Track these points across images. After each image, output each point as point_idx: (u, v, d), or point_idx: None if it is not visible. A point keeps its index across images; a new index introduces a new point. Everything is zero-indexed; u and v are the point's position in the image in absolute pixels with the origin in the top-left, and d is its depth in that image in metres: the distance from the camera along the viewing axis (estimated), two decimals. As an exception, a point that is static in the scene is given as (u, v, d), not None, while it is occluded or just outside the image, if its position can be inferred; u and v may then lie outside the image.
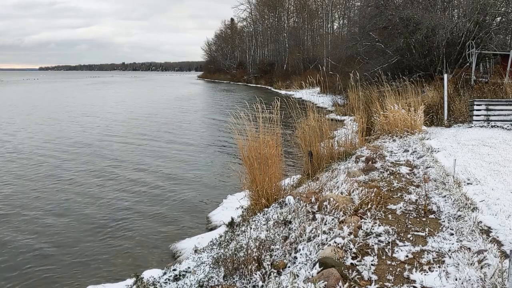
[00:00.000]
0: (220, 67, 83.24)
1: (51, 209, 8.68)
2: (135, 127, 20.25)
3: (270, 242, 4.13)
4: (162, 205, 8.95)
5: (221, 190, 9.83)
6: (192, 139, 17.07)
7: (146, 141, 16.35)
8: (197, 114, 26.71)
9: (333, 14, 55.59)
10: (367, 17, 23.00)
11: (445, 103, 12.18)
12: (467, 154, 7.49)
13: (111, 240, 7.18)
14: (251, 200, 6.53)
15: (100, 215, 8.32)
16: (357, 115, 9.64)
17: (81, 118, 23.75)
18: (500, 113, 11.27)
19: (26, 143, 15.75)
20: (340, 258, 3.35)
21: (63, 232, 7.54)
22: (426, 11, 18.60)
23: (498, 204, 4.57)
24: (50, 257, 6.58)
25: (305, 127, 8.47)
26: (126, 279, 5.48)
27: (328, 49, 45.79)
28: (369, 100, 11.70)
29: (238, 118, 6.66)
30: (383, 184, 5.64)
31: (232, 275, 3.84)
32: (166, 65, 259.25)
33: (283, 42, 62.16)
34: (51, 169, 11.88)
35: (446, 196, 4.94)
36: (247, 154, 6.45)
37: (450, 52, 18.17)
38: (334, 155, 8.40)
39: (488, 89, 13.67)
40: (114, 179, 10.85)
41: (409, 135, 9.75)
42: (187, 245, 6.53)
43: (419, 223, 4.21)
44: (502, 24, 18.94)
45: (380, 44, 20.84)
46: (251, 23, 75.86)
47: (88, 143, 15.74)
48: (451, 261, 3.25)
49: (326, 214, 4.44)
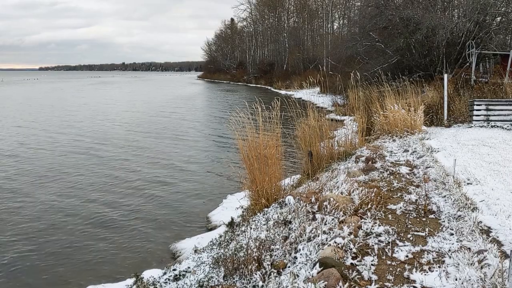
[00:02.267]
0: (220, 67, 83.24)
1: (51, 209, 8.67)
2: (135, 126, 20.26)
3: (270, 242, 4.13)
4: (162, 205, 8.95)
5: (221, 190, 9.83)
6: (192, 139, 17.06)
7: (145, 142, 16.34)
8: (197, 114, 26.71)
9: (333, 14, 55.59)
10: (367, 17, 23.00)
11: (445, 103, 12.18)
12: (467, 154, 7.49)
13: (111, 240, 7.17)
14: (251, 200, 6.53)
15: (100, 215, 8.31)
16: (357, 115, 9.65)
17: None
18: (500, 113, 11.27)
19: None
20: (340, 258, 3.35)
21: (63, 232, 7.54)
22: (426, 11, 18.60)
23: (498, 204, 4.57)
24: (50, 257, 6.57)
25: (305, 127, 8.47)
26: (126, 279, 5.48)
27: (328, 49, 45.79)
28: (369, 100, 11.70)
29: (238, 118, 6.66)
30: (383, 184, 5.64)
31: (232, 275, 3.84)
32: (166, 65, 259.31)
33: (283, 42, 62.16)
34: (52, 168, 11.88)
35: (446, 196, 4.94)
36: (247, 154, 6.45)
37: (450, 52, 18.18)
38: (334, 155, 8.40)
39: (488, 89, 13.67)
40: (114, 179, 10.85)
41: (409, 135, 9.75)
42: (187, 245, 6.53)
43: (419, 223, 4.21)
44: (502, 24, 18.94)
45: (380, 44, 20.85)
46: (251, 23, 75.91)
47: (86, 146, 15.74)
48: (451, 261, 3.25)
49: (326, 214, 4.44)
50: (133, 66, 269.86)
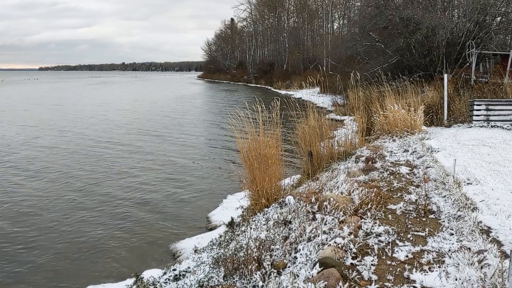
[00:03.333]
0: (220, 67, 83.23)
1: (51, 208, 8.68)
2: (135, 126, 20.26)
3: (270, 242, 4.13)
4: (162, 205, 8.95)
5: (221, 190, 9.83)
6: (192, 139, 17.06)
7: (145, 141, 16.35)
8: (197, 113, 26.72)
9: (333, 14, 55.59)
10: (367, 17, 22.99)
11: (445, 103, 12.18)
12: (467, 154, 7.49)
13: (111, 240, 7.17)
14: (251, 200, 6.53)
15: (100, 215, 8.31)
16: (357, 115, 9.64)
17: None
18: (500, 113, 11.27)
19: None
20: (340, 258, 3.35)
21: (63, 232, 7.54)
22: (426, 11, 18.60)
23: (498, 204, 4.57)
24: (50, 257, 6.58)
25: (305, 127, 8.47)
26: (126, 279, 5.48)
27: (328, 49, 45.79)
28: (369, 100, 11.70)
29: (238, 118, 6.66)
30: (383, 184, 5.64)
31: (232, 275, 3.84)
32: (166, 65, 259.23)
33: (283, 42, 62.16)
34: (50, 166, 11.89)
35: (446, 196, 4.94)
36: (247, 154, 6.45)
37: (450, 52, 18.17)
38: (334, 155, 8.40)
39: (488, 89, 13.67)
40: (114, 179, 10.85)
41: (409, 135, 9.75)
42: (187, 245, 6.53)
43: (419, 223, 4.21)
44: (502, 24, 18.94)
45: (380, 44, 20.85)
46: (251, 23, 75.90)
47: (85, 146, 15.75)
48: (451, 261, 3.25)
49: (326, 214, 4.44)
50: (133, 66, 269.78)
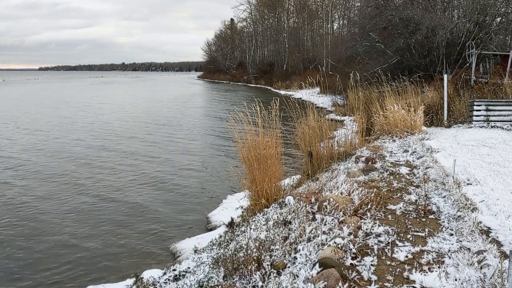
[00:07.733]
0: (220, 67, 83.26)
1: (51, 208, 8.67)
2: (135, 126, 20.26)
3: (270, 243, 4.13)
4: (162, 205, 8.95)
5: (221, 190, 9.83)
6: (192, 139, 17.06)
7: (144, 141, 16.35)
8: (197, 113, 26.71)
9: (333, 14, 55.61)
10: (367, 17, 23.00)
11: (445, 103, 12.19)
12: (467, 155, 7.50)
13: (111, 240, 7.17)
14: (250, 200, 6.53)
15: (100, 215, 8.31)
16: (357, 115, 9.65)
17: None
18: (500, 113, 11.27)
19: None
20: (340, 258, 3.36)
21: (63, 232, 7.53)
22: (426, 12, 18.60)
23: (497, 204, 4.57)
24: (50, 257, 6.57)
25: (305, 127, 8.47)
26: (126, 279, 5.47)
27: (328, 49, 45.80)
28: (369, 100, 11.71)
29: (237, 118, 6.66)
30: (383, 184, 5.64)
31: (232, 275, 3.84)
32: (166, 65, 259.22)
33: (283, 42, 62.17)
34: (49, 166, 11.89)
35: (446, 197, 4.94)
36: (246, 154, 6.45)
37: (450, 53, 18.18)
38: (334, 155, 8.40)
39: (488, 89, 13.67)
40: (113, 179, 10.84)
41: (409, 135, 9.75)
42: (187, 245, 6.53)
43: (418, 223, 4.21)
44: (502, 24, 18.94)
45: (380, 45, 20.84)
46: (251, 23, 75.91)
47: (86, 145, 15.75)
48: (451, 262, 3.25)
49: (326, 214, 4.44)
50: (133, 66, 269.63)
